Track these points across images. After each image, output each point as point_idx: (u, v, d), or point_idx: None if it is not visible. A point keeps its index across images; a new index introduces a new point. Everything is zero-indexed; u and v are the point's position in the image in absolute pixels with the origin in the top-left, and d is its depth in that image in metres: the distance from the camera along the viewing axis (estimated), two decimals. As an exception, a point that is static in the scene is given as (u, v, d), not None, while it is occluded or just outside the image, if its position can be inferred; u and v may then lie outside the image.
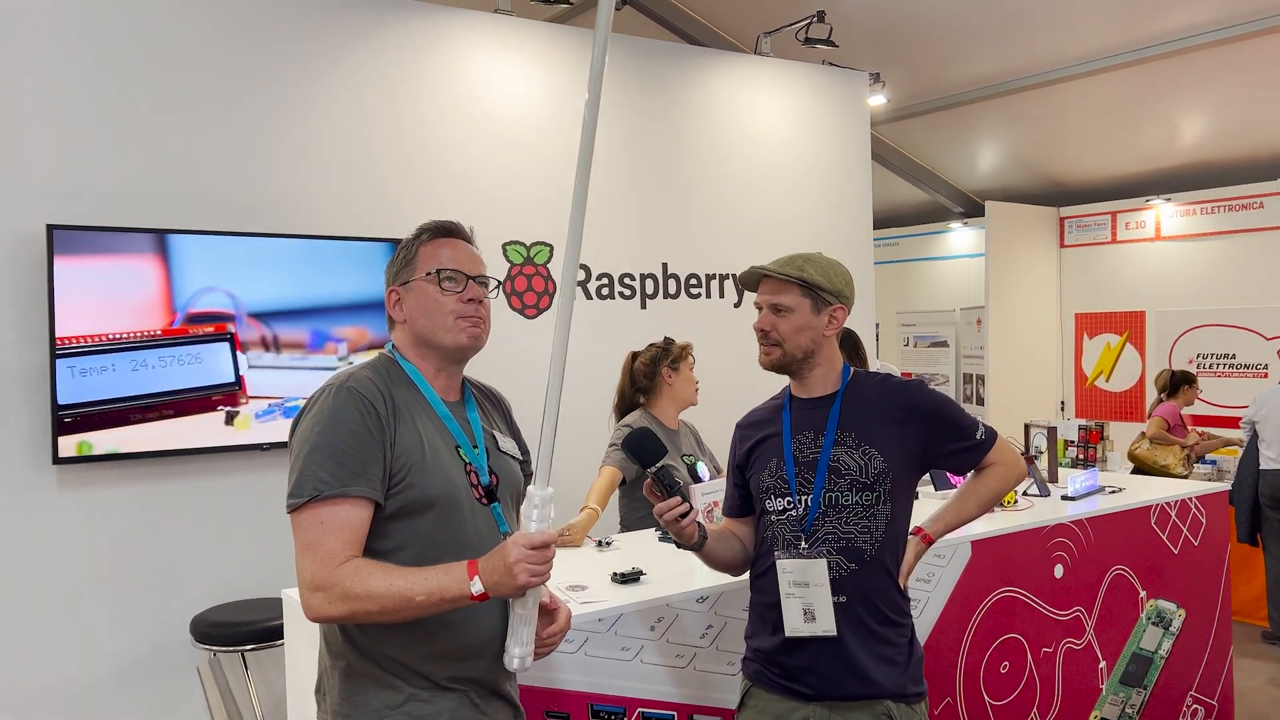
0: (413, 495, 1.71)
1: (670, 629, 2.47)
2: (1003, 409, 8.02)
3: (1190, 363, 7.61)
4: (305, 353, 3.87)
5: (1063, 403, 8.73)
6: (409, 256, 1.87)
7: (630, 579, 2.58)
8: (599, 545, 3.08)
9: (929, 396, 2.15)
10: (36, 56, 3.50)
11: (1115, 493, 3.73)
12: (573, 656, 2.32)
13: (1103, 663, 3.43)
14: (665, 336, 3.70)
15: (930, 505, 2.41)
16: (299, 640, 2.54)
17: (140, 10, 3.70)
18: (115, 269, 3.50)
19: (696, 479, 3.42)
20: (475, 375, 1.99)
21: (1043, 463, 4.11)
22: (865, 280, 5.79)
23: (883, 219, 8.31)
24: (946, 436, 2.13)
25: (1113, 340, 8.40)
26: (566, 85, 4.80)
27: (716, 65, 5.40)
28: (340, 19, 4.15)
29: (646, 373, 3.59)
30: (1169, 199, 7.95)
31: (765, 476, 2.12)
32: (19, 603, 3.43)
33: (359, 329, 3.98)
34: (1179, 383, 6.34)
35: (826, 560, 2.03)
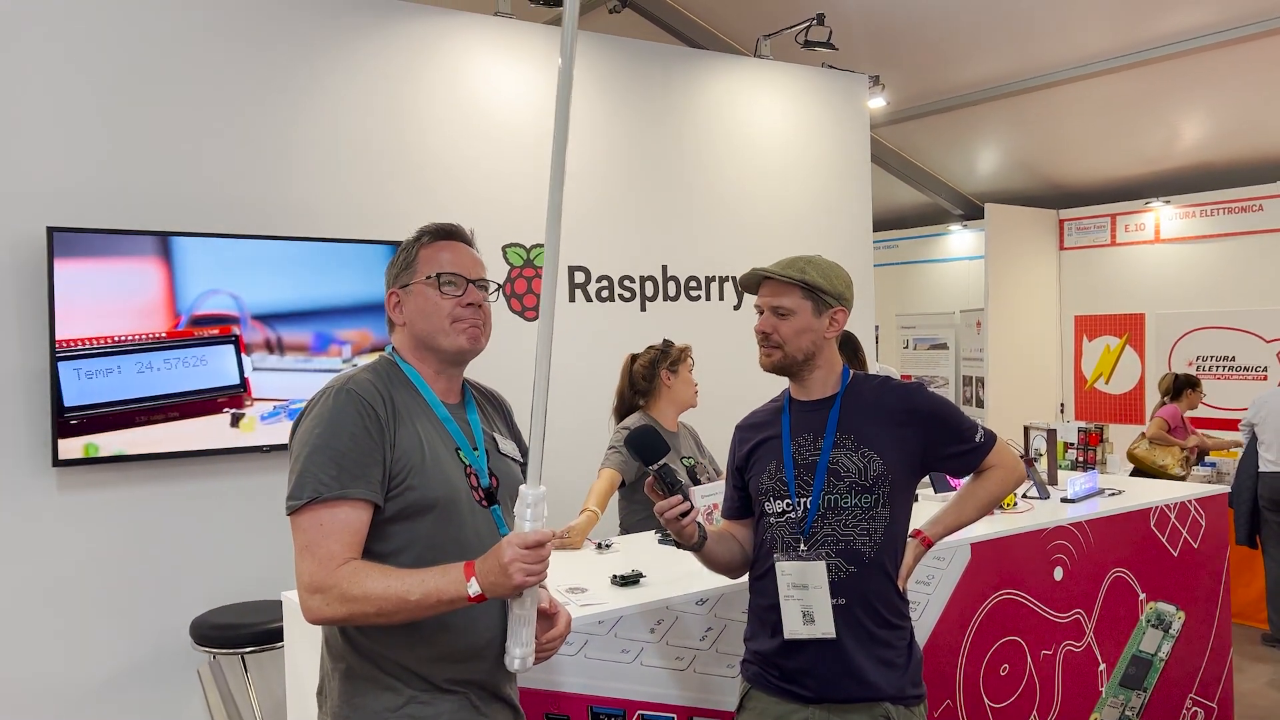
0: (413, 497, 1.72)
1: (670, 631, 2.47)
2: (1002, 411, 8.03)
3: (1190, 365, 7.61)
4: (309, 355, 3.87)
5: (1062, 405, 8.73)
6: (409, 259, 1.86)
7: (630, 581, 2.58)
8: (598, 547, 3.09)
9: (928, 399, 2.15)
10: (38, 59, 3.50)
11: (1115, 495, 3.73)
12: (572, 659, 2.32)
13: (1102, 665, 3.43)
14: (664, 339, 3.70)
15: (930, 508, 2.41)
16: (299, 643, 2.54)
17: (141, 13, 3.70)
18: (117, 271, 3.50)
19: (695, 481, 3.42)
20: (475, 377, 1.99)
21: (1042, 465, 4.11)
22: (865, 282, 5.80)
23: (882, 221, 8.31)
24: (946, 439, 2.13)
25: (1112, 342, 8.40)
26: (566, 88, 4.80)
27: (716, 68, 5.41)
28: (341, 22, 4.15)
29: (645, 375, 3.59)
30: (1168, 201, 7.96)
31: (764, 478, 2.12)
32: (19, 605, 3.43)
33: (362, 331, 3.99)
34: (1182, 386, 6.35)
35: (825, 563, 2.03)
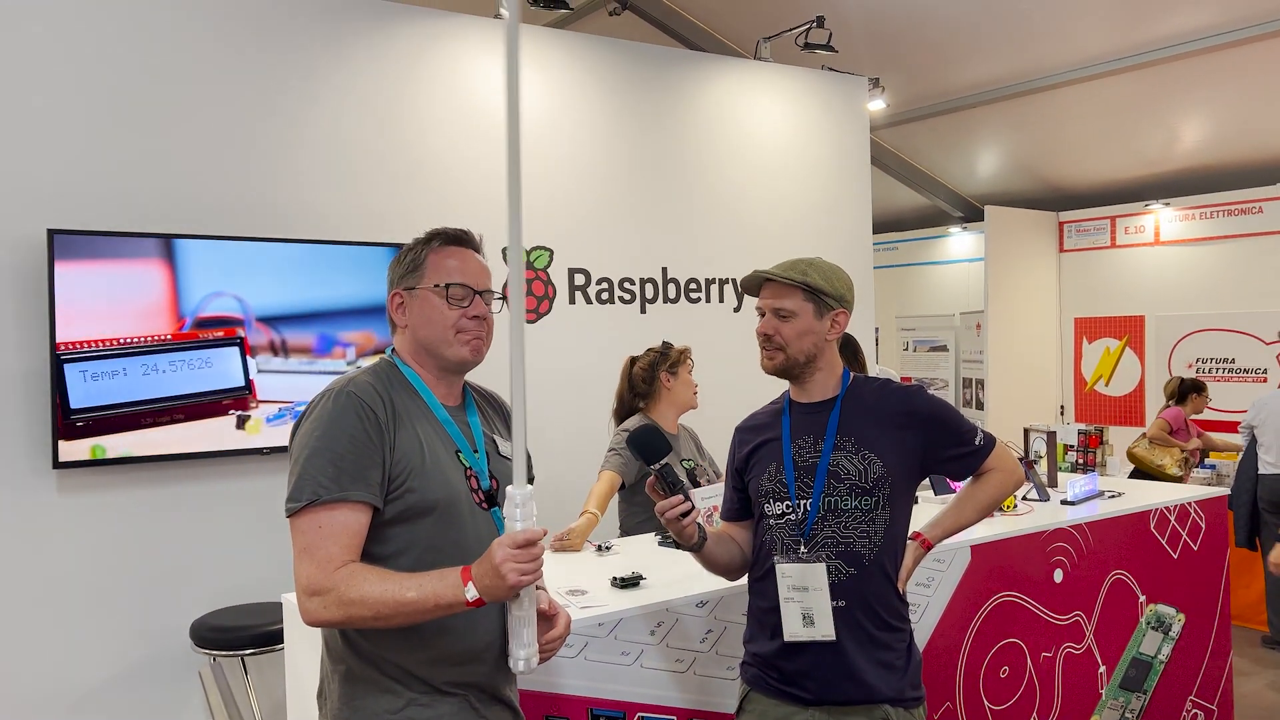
0: (412, 500, 1.72)
1: (670, 633, 2.47)
2: (1002, 413, 8.03)
3: (1190, 367, 7.61)
4: (313, 357, 3.88)
5: (1062, 407, 8.73)
6: (417, 262, 1.85)
7: (630, 583, 2.58)
8: (598, 550, 3.08)
9: (928, 402, 2.15)
10: (39, 61, 3.51)
11: (1114, 497, 3.74)
12: (572, 661, 2.32)
13: (1102, 667, 3.43)
14: (664, 341, 3.70)
15: (930, 510, 2.41)
16: (299, 645, 2.54)
17: (142, 15, 3.70)
18: (118, 274, 3.50)
19: (695, 484, 3.42)
20: (474, 378, 1.99)
21: (1042, 467, 4.11)
22: (865, 285, 5.80)
23: (882, 223, 8.32)
24: (945, 442, 2.14)
25: (1112, 345, 8.41)
26: (566, 90, 4.81)
27: (716, 70, 5.41)
28: (343, 24, 4.16)
29: (645, 377, 3.59)
30: (1168, 204, 7.96)
31: (764, 481, 2.12)
32: (19, 606, 3.43)
33: (365, 333, 4.00)
34: (1188, 390, 6.35)
35: (825, 565, 2.03)
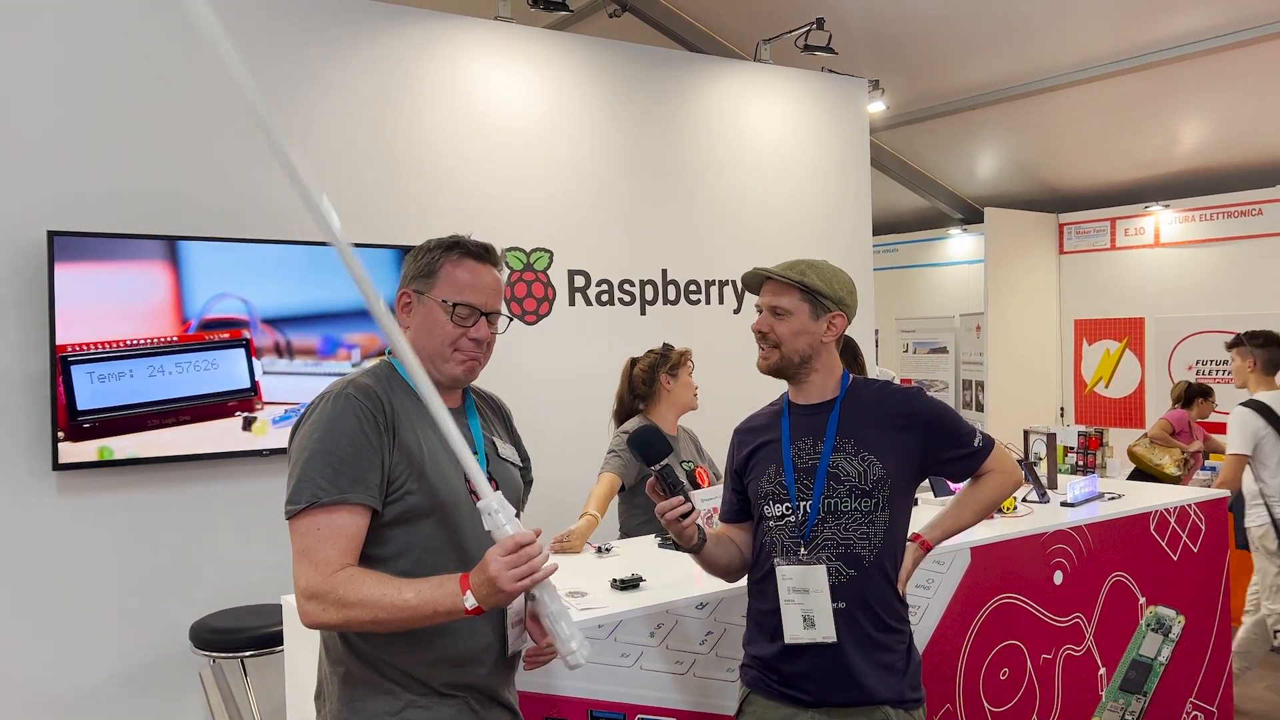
0: (412, 502, 1.72)
1: (670, 635, 2.47)
2: (1002, 415, 8.03)
3: (1190, 369, 7.61)
4: (317, 359, 3.89)
5: (1062, 409, 8.73)
6: (431, 267, 1.83)
7: (630, 585, 2.58)
8: (598, 551, 3.08)
9: (927, 403, 2.16)
10: (40, 63, 3.51)
11: (1115, 499, 3.73)
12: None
13: (1102, 669, 3.43)
14: (664, 343, 3.70)
15: (929, 511, 2.41)
16: (299, 647, 2.54)
17: (144, 16, 3.70)
18: (121, 275, 3.51)
19: (695, 486, 3.42)
20: (475, 380, 1.99)
21: (1042, 469, 4.11)
22: (865, 286, 5.80)
23: (882, 225, 8.32)
24: (944, 443, 2.14)
25: (1112, 346, 8.40)
26: (566, 91, 4.82)
27: (716, 72, 5.42)
28: (345, 26, 4.16)
29: (645, 379, 3.59)
30: (1168, 205, 7.96)
31: (764, 482, 2.12)
32: (19, 608, 3.43)
33: (370, 335, 4.00)
34: (1194, 395, 6.37)
35: (825, 567, 2.03)
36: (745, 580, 2.23)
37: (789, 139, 5.61)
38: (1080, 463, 4.80)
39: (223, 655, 3.37)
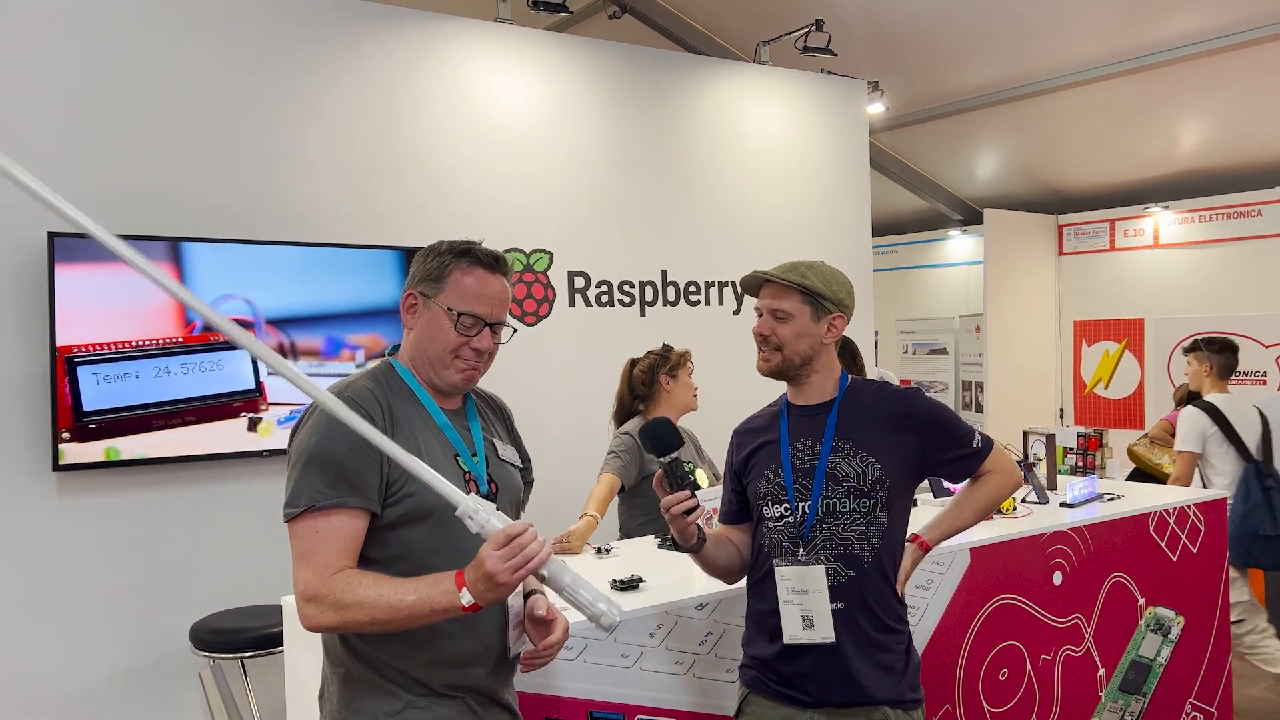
0: (411, 505, 1.71)
1: (669, 636, 2.47)
2: (1002, 416, 8.03)
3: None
4: (321, 360, 3.89)
5: (1061, 410, 8.73)
6: (440, 271, 1.81)
7: (630, 586, 2.58)
8: (598, 552, 3.09)
9: (926, 404, 2.16)
10: (41, 64, 3.51)
11: (1114, 500, 3.74)
12: (572, 663, 2.32)
13: (1101, 670, 3.43)
14: (664, 344, 3.71)
15: (929, 512, 2.41)
16: (299, 648, 2.54)
17: (145, 17, 3.71)
18: (123, 276, 3.51)
19: (695, 487, 3.42)
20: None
21: (1041, 470, 4.11)
22: (864, 288, 5.80)
23: (881, 226, 8.32)
24: (943, 444, 2.14)
25: (1111, 347, 8.40)
26: (566, 93, 4.82)
27: (716, 73, 5.42)
28: (343, 28, 4.17)
29: (645, 380, 3.59)
30: (1167, 206, 7.96)
31: (763, 483, 2.13)
32: (19, 608, 3.43)
33: (373, 335, 4.01)
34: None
35: (824, 567, 2.03)
36: (744, 581, 2.23)
37: (788, 140, 5.61)
38: (1080, 464, 4.80)
39: (223, 656, 3.37)
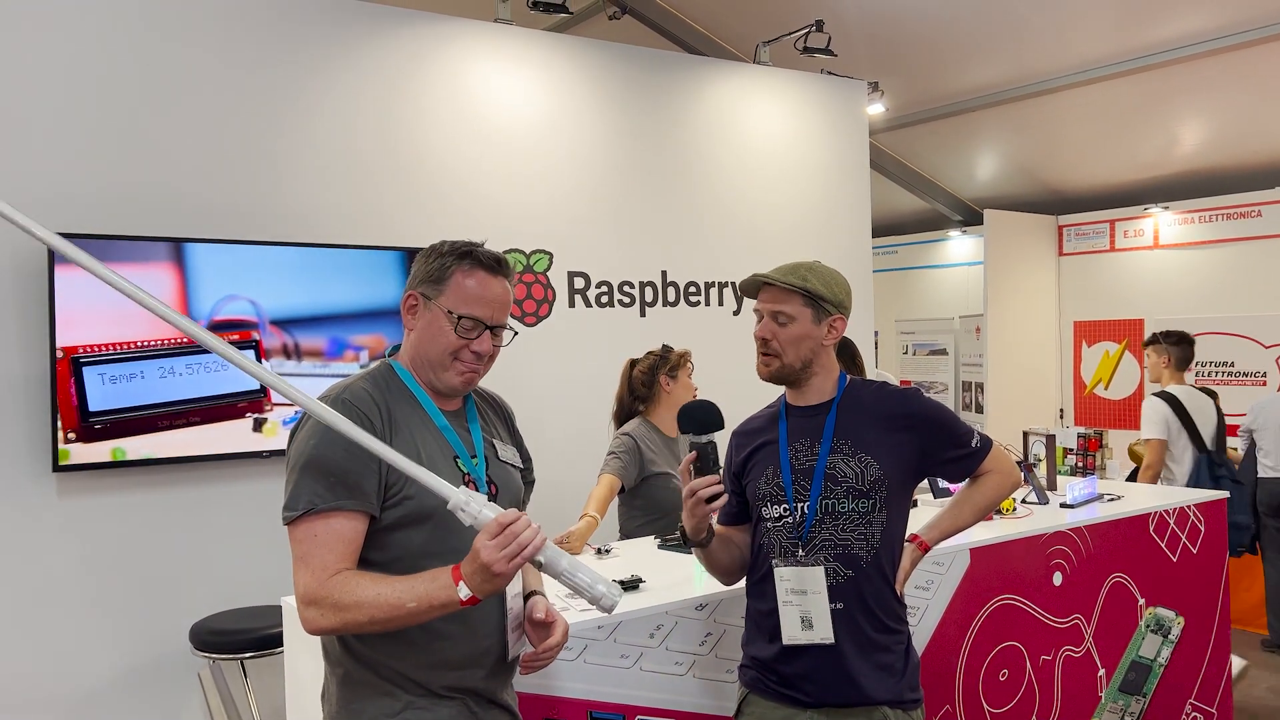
0: (410, 507, 1.71)
1: (669, 636, 2.47)
2: (1002, 417, 8.03)
3: (1189, 371, 7.60)
4: (324, 360, 3.89)
5: (1061, 410, 8.73)
6: (441, 273, 1.80)
7: (629, 586, 2.58)
8: (598, 553, 3.09)
9: (924, 404, 2.16)
10: (42, 65, 3.51)
11: (1114, 500, 3.74)
12: (572, 664, 2.32)
13: (1101, 670, 3.43)
14: (663, 344, 3.71)
15: (928, 512, 2.41)
16: (299, 648, 2.54)
17: (147, 18, 3.71)
18: (126, 277, 3.50)
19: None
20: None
21: (1041, 470, 4.11)
22: (864, 288, 5.81)
23: (881, 227, 8.32)
24: (942, 444, 2.14)
25: (1111, 348, 8.41)
26: (566, 93, 4.82)
27: (716, 74, 5.42)
28: (344, 28, 4.17)
29: (645, 381, 3.60)
30: (1167, 207, 7.96)
31: (762, 484, 2.13)
32: (19, 609, 3.43)
33: (376, 336, 4.02)
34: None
35: (823, 568, 2.03)
36: (744, 582, 2.23)
37: (788, 141, 5.61)
38: (1079, 464, 4.81)
39: (222, 657, 3.37)
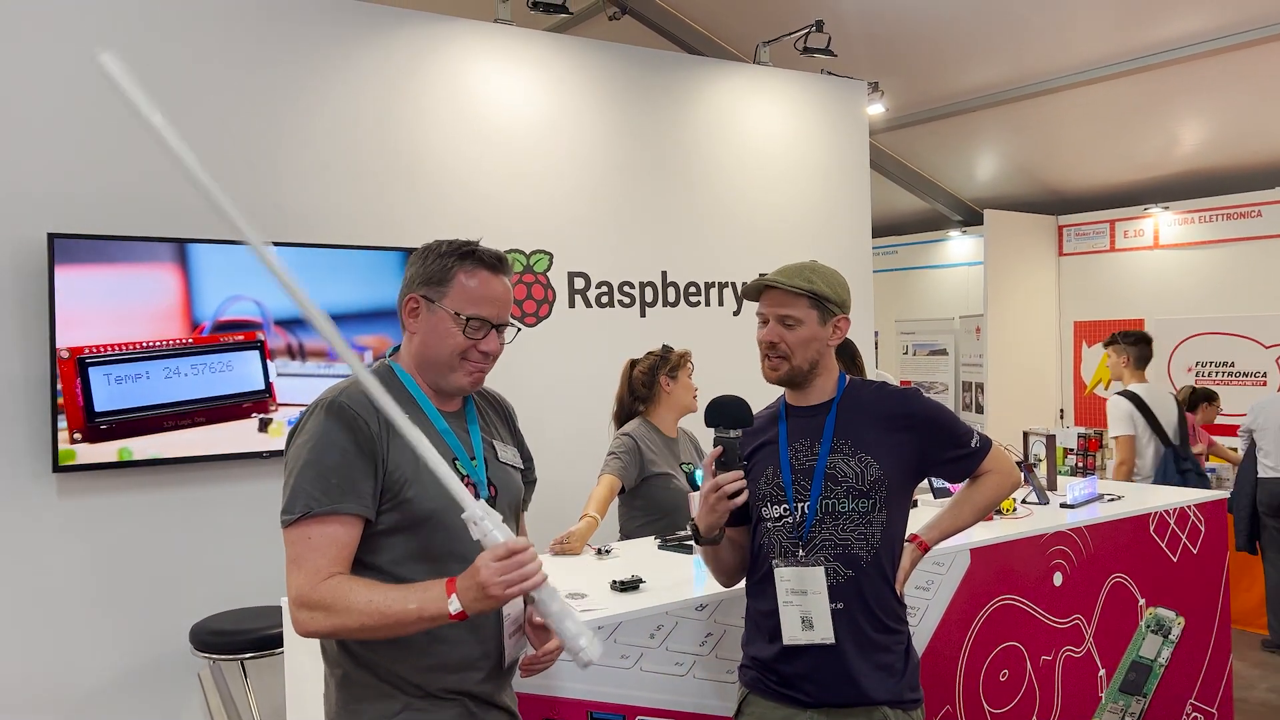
0: (408, 510, 1.70)
1: (670, 637, 2.47)
2: (1002, 417, 8.03)
3: (1189, 371, 7.62)
4: (329, 361, 3.90)
5: (1061, 411, 8.73)
6: (443, 274, 1.78)
7: (630, 587, 2.58)
8: (598, 553, 3.08)
9: (924, 404, 2.16)
10: (43, 66, 3.51)
11: (1114, 500, 3.74)
12: (572, 664, 2.31)
13: (1102, 671, 3.43)
14: (664, 344, 3.70)
15: (928, 512, 2.41)
16: (299, 649, 2.54)
17: (148, 18, 3.71)
18: (127, 278, 3.51)
19: (695, 488, 3.42)
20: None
21: (1042, 471, 4.11)
22: (864, 289, 5.81)
23: (881, 227, 8.33)
24: (942, 444, 2.14)
25: (1112, 348, 8.40)
26: (566, 94, 4.82)
27: (716, 74, 5.42)
28: (345, 29, 4.17)
29: (645, 381, 3.59)
30: (1167, 207, 7.97)
31: (762, 484, 2.12)
32: (19, 609, 3.43)
33: (379, 337, 4.02)
34: (1199, 399, 6.43)
35: (823, 568, 2.03)
36: (744, 582, 2.23)
37: (788, 141, 5.61)
38: (1080, 464, 4.81)
39: (223, 657, 3.37)
